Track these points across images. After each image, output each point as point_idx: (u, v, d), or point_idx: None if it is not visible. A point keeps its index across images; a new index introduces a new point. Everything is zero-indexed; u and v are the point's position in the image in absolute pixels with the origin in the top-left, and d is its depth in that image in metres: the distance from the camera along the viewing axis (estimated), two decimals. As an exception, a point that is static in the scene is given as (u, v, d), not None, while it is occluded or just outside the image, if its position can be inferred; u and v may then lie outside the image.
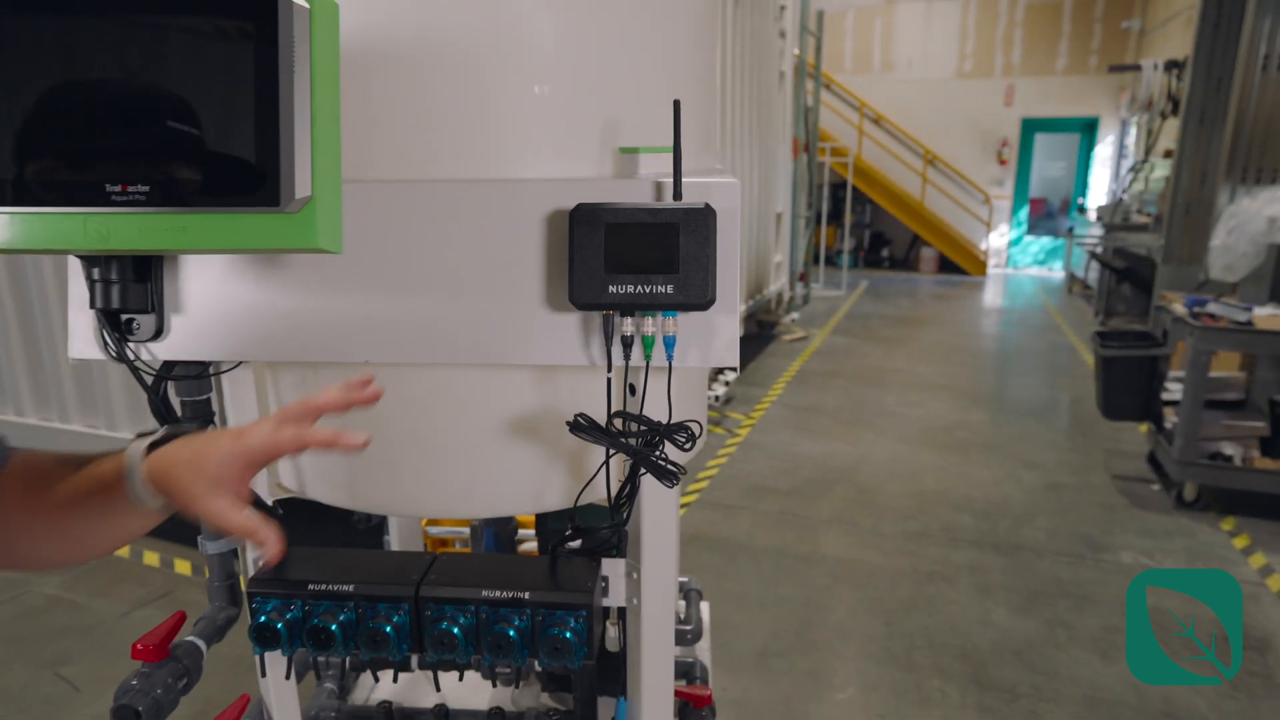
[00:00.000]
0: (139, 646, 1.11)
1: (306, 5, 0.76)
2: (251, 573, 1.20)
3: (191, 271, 1.03)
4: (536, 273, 0.99)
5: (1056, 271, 12.97)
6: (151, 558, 3.38)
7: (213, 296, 1.03)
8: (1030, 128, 12.74)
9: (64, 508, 0.79)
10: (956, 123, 12.80)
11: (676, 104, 0.96)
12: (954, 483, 4.34)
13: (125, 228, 0.78)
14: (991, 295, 11.16)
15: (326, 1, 0.79)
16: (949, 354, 7.53)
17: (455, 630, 1.10)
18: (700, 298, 0.93)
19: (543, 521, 1.63)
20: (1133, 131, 11.25)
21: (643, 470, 1.02)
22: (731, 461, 4.58)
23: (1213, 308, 3.87)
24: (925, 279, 12.61)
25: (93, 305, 0.99)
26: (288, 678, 1.29)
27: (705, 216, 0.92)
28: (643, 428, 0.97)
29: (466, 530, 2.12)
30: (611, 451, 1.04)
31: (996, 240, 13.16)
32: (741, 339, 1.30)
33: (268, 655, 1.31)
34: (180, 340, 1.04)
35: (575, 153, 1.06)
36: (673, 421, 1.00)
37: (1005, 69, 12.59)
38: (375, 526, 2.45)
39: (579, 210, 0.93)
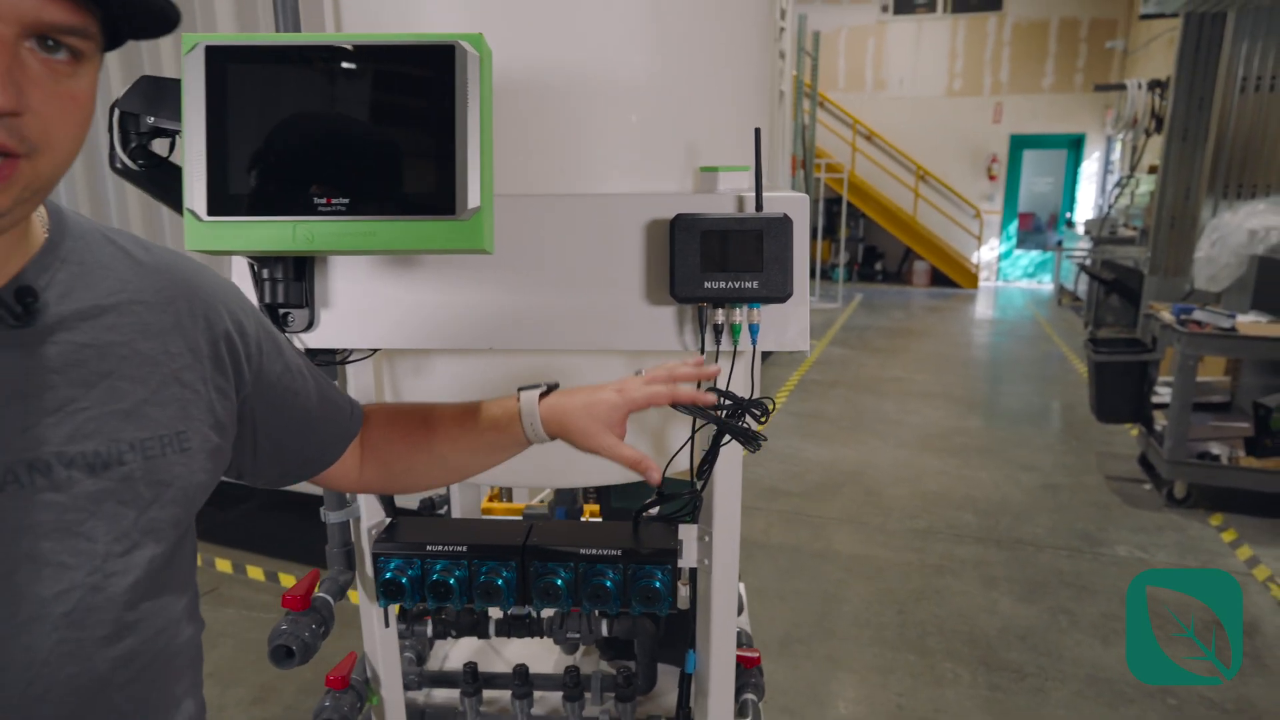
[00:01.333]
0: (287, 597, 1.28)
1: (477, 54, 0.94)
2: (366, 541, 1.37)
3: (339, 272, 1.21)
4: (637, 271, 1.17)
5: (1046, 284, 13.25)
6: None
7: (357, 294, 1.21)
8: (1018, 144, 13.05)
9: (451, 442, 1.00)
10: (947, 139, 13.09)
11: (758, 131, 1.15)
12: (955, 484, 4.53)
13: (327, 233, 0.96)
14: (983, 307, 11.41)
15: (486, 50, 0.97)
16: (944, 364, 7.75)
17: (559, 582, 1.28)
18: (781, 292, 1.11)
19: (606, 502, 1.80)
20: (1118, 148, 11.56)
21: (725, 439, 1.20)
22: (744, 465, 4.75)
23: (1199, 315, 4.09)
24: (918, 292, 12.86)
25: (259, 300, 1.16)
26: (387, 625, 1.46)
27: (785, 225, 1.11)
28: (728, 401, 1.15)
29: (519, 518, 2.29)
30: (699, 424, 1.21)
31: (987, 254, 13.44)
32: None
33: (365, 614, 1.47)
34: (328, 331, 1.22)
35: (662, 171, 1.24)
36: (751, 398, 1.18)
37: (994, 87, 12.92)
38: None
39: (679, 219, 1.12)
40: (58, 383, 0.66)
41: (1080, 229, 10.36)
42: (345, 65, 0.94)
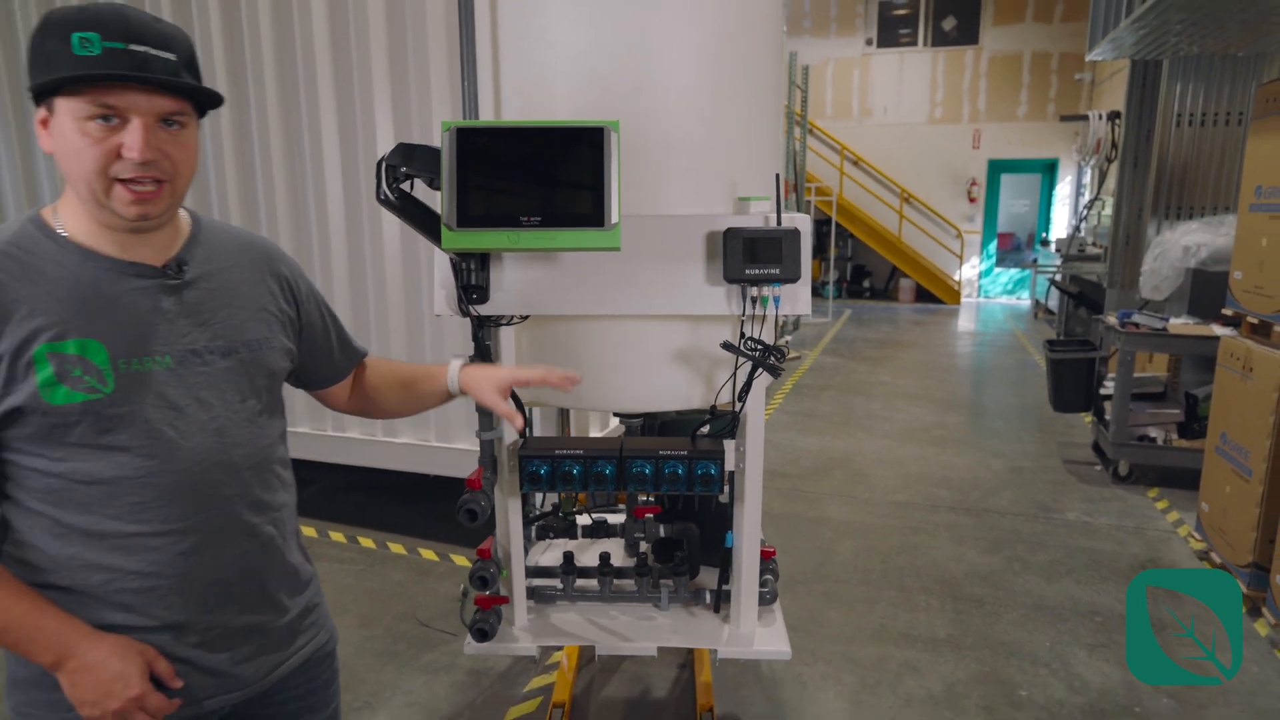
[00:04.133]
0: (469, 480, 1.92)
1: (615, 132, 1.61)
2: (504, 454, 2.01)
3: (507, 267, 1.86)
4: (700, 263, 1.83)
5: (1024, 300, 14.00)
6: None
7: (514, 278, 1.86)
8: (996, 168, 13.86)
9: (404, 386, 1.55)
10: (929, 164, 13.89)
11: (778, 176, 1.82)
12: (933, 467, 5.18)
13: (527, 238, 1.61)
14: (965, 321, 12.12)
15: (618, 130, 1.63)
16: (927, 370, 8.43)
17: (647, 471, 1.92)
18: (794, 276, 1.77)
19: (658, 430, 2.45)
20: (1088, 172, 12.35)
21: (758, 372, 1.85)
22: (745, 453, 5.39)
23: (1137, 318, 4.78)
24: (904, 307, 13.58)
25: (458, 284, 1.81)
26: (525, 518, 2.09)
27: (795, 234, 1.77)
28: (760, 346, 1.80)
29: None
30: (740, 361, 1.86)
31: (968, 271, 14.20)
32: (797, 312, 2.13)
33: (500, 510, 2.10)
34: (497, 304, 1.87)
35: (715, 200, 1.91)
36: (774, 346, 1.83)
37: (972, 115, 13.74)
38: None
39: (729, 230, 1.78)
40: (200, 310, 1.21)
41: (1054, 248, 11.10)
42: (540, 139, 1.61)
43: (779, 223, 1.80)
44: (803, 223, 1.82)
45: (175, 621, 1.18)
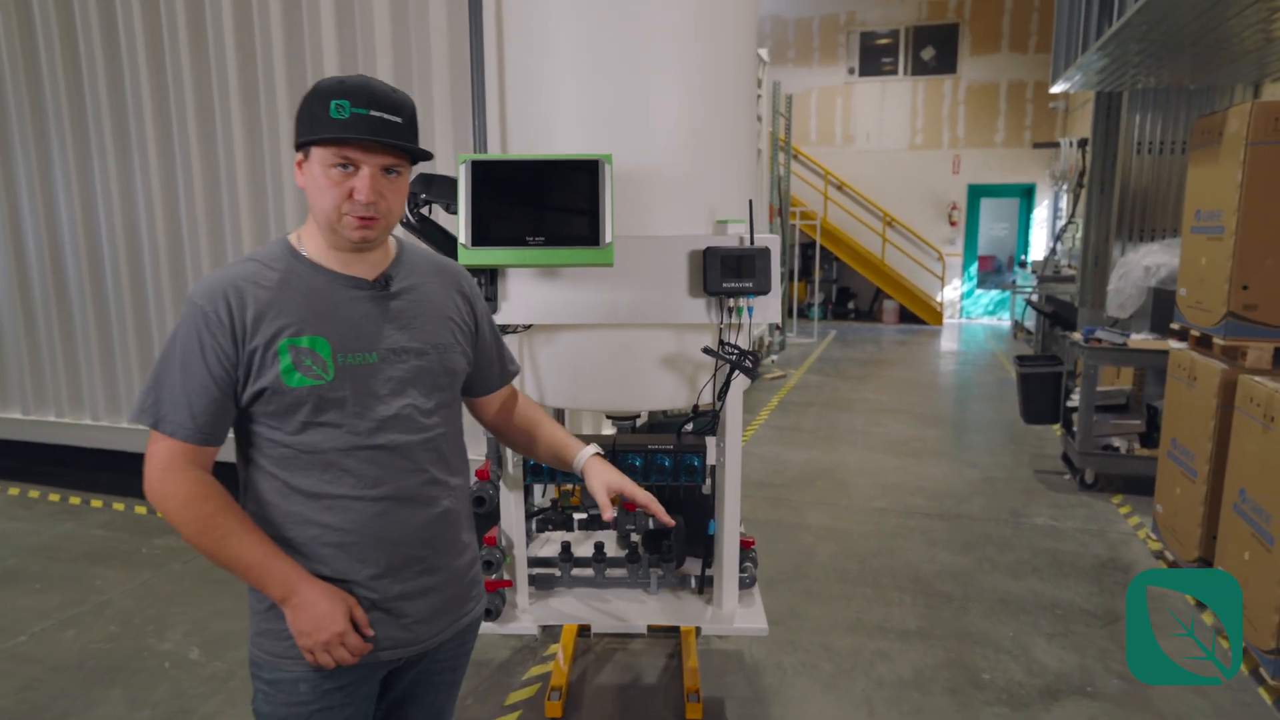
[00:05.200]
0: (478, 472, 2.14)
1: (609, 164, 1.86)
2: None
3: (511, 280, 2.10)
4: (684, 278, 2.08)
5: (1005, 320, 14.34)
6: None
7: (521, 292, 2.10)
8: (976, 193, 14.26)
9: (536, 439, 1.70)
10: (911, 189, 14.28)
11: (750, 202, 2.08)
12: (910, 477, 5.43)
13: (532, 255, 1.86)
14: (947, 341, 12.43)
15: (611, 162, 1.89)
16: (909, 388, 8.70)
17: (637, 463, 2.16)
18: (765, 289, 2.03)
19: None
20: (1064, 196, 12.75)
21: (734, 373, 2.10)
22: (731, 465, 5.62)
23: (1100, 334, 5.06)
24: (887, 328, 13.89)
25: (470, 296, 2.05)
26: (526, 512, 2.32)
27: (767, 252, 2.03)
28: (737, 351, 2.05)
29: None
30: (719, 365, 2.11)
31: (950, 293, 14.55)
32: (771, 323, 2.38)
33: (504, 502, 2.33)
34: (503, 314, 2.11)
35: (696, 223, 2.16)
36: (749, 350, 2.08)
37: (952, 141, 14.16)
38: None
39: (709, 249, 2.03)
40: (401, 316, 1.46)
41: (1029, 269, 11.44)
42: (544, 169, 1.86)
43: (752, 242, 2.06)
44: (773, 242, 2.08)
45: (365, 577, 1.40)
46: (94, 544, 4.30)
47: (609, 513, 1.58)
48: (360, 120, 1.30)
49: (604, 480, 1.60)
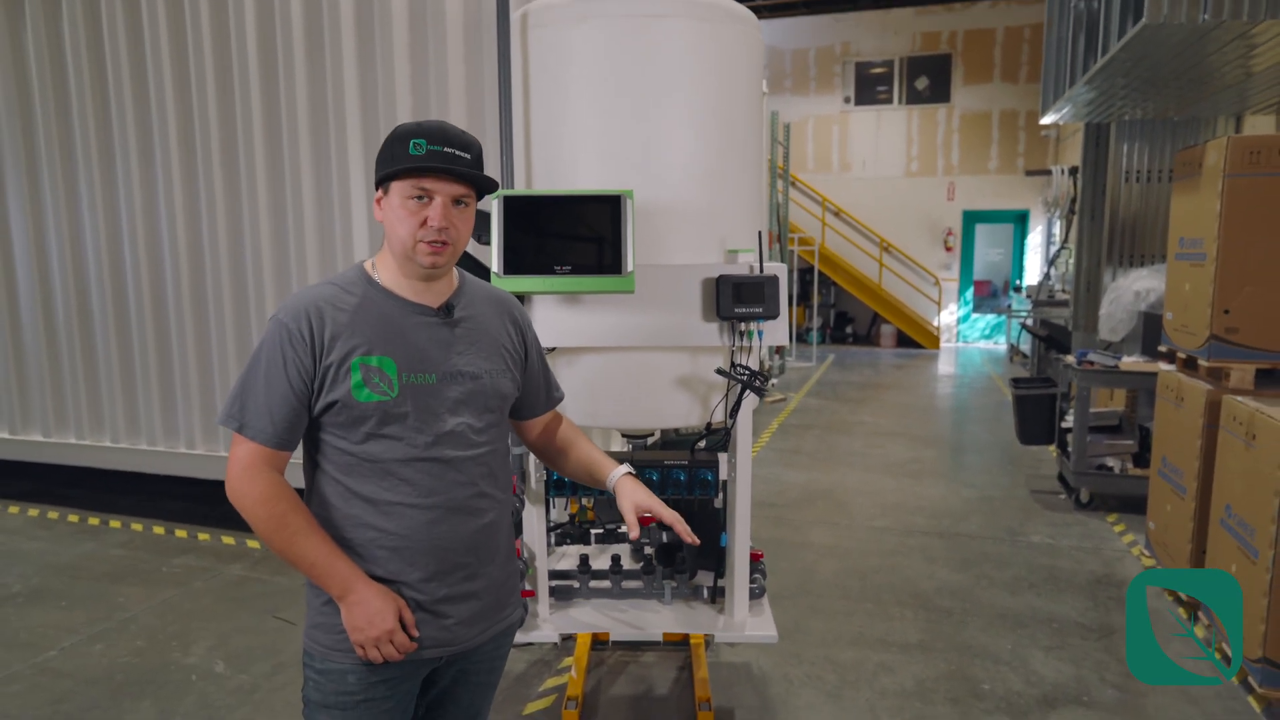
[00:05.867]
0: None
1: (630, 199, 2.02)
2: (533, 465, 2.37)
3: (536, 306, 2.25)
4: (698, 303, 2.23)
5: (1001, 345, 14.52)
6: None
7: (545, 316, 2.25)
8: (971, 219, 14.50)
9: (571, 458, 1.83)
10: (907, 215, 14.53)
11: (760, 233, 2.23)
12: (909, 497, 5.55)
13: (560, 283, 2.01)
14: (943, 365, 12.60)
15: (633, 197, 2.04)
16: (906, 411, 8.84)
17: (654, 477, 2.29)
18: (774, 314, 2.18)
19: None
20: (1057, 222, 12.99)
21: (745, 392, 2.24)
22: (735, 486, 5.74)
23: (1092, 357, 5.21)
24: (885, 352, 14.06)
25: (498, 321, 2.20)
26: (547, 525, 2.45)
27: (775, 280, 2.18)
28: (748, 372, 2.19)
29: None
30: (730, 385, 2.25)
31: (947, 318, 14.74)
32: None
33: (527, 516, 2.46)
34: (530, 338, 2.25)
35: (709, 252, 2.32)
36: (759, 371, 2.22)
37: (946, 169, 14.43)
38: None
39: (721, 277, 2.18)
40: (460, 342, 1.60)
41: (1024, 294, 11.64)
42: (570, 204, 2.02)
43: (761, 270, 2.21)
44: (780, 270, 2.23)
45: (414, 579, 1.53)
46: (114, 563, 4.40)
47: (635, 531, 1.66)
48: (435, 155, 1.45)
49: (633, 500, 1.68)
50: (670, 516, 1.68)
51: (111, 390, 4.88)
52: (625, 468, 1.75)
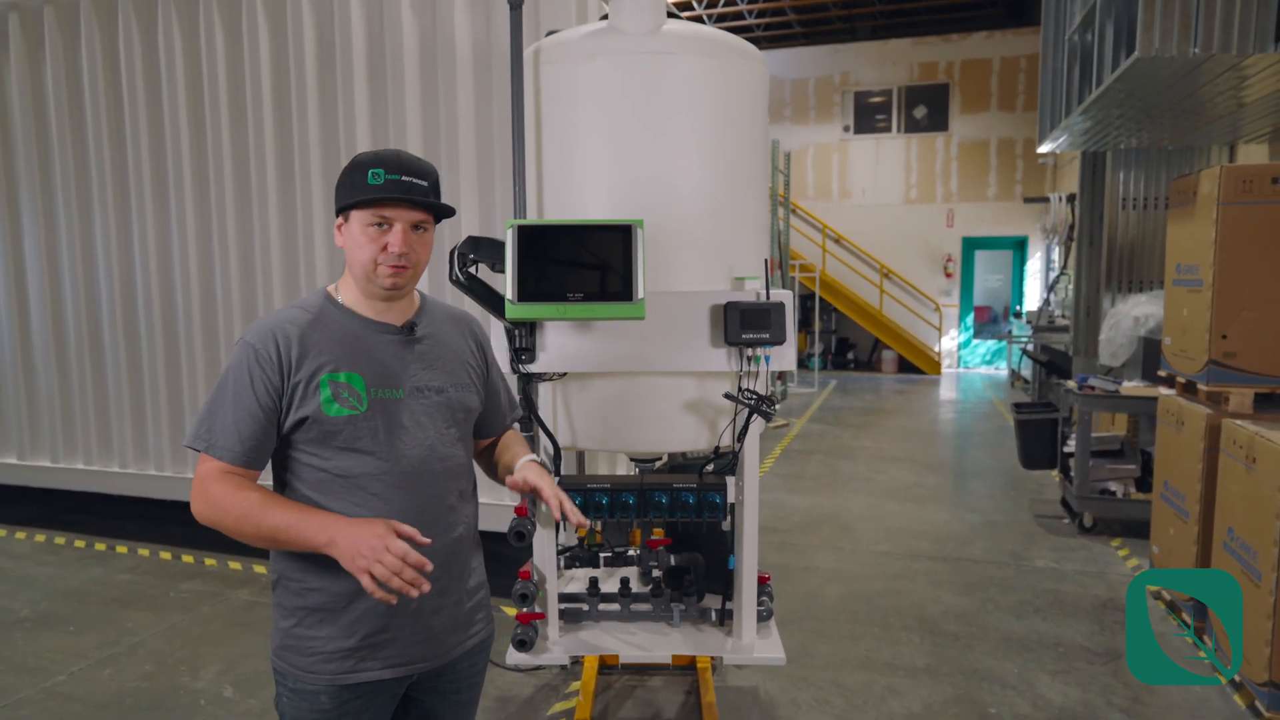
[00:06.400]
0: (517, 509, 2.31)
1: (640, 228, 2.08)
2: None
3: (549, 333, 2.30)
4: (705, 329, 2.28)
5: (1002, 370, 14.57)
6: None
7: (557, 342, 2.30)
8: (970, 245, 14.62)
9: (503, 464, 1.85)
10: (906, 241, 14.65)
11: (766, 260, 2.29)
12: (913, 522, 5.57)
13: (572, 310, 2.06)
14: (945, 391, 12.63)
15: (643, 227, 2.11)
16: (909, 436, 8.86)
17: (664, 500, 2.33)
18: (781, 339, 2.23)
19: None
20: (1056, 248, 13.09)
21: (753, 416, 2.28)
22: (739, 511, 5.76)
23: (1093, 382, 5.26)
24: (886, 378, 14.11)
25: (510, 346, 2.25)
26: (557, 548, 2.48)
27: (782, 306, 2.24)
28: (755, 396, 2.24)
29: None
30: (738, 408, 2.30)
31: (948, 343, 14.80)
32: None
33: (538, 540, 2.49)
34: (541, 363, 2.31)
35: (717, 280, 2.37)
36: (766, 395, 2.27)
37: (945, 196, 14.57)
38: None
39: (729, 304, 2.24)
40: (424, 358, 1.64)
41: (1024, 319, 11.70)
42: (582, 233, 2.08)
43: (768, 297, 2.27)
44: (786, 297, 2.29)
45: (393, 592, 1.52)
46: (122, 588, 4.41)
47: (513, 488, 1.72)
48: (393, 184, 1.51)
49: (524, 474, 1.71)
50: (549, 494, 1.67)
51: (121, 416, 4.92)
52: (532, 456, 1.79)
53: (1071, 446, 5.48)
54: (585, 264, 2.10)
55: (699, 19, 14.85)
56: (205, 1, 4.38)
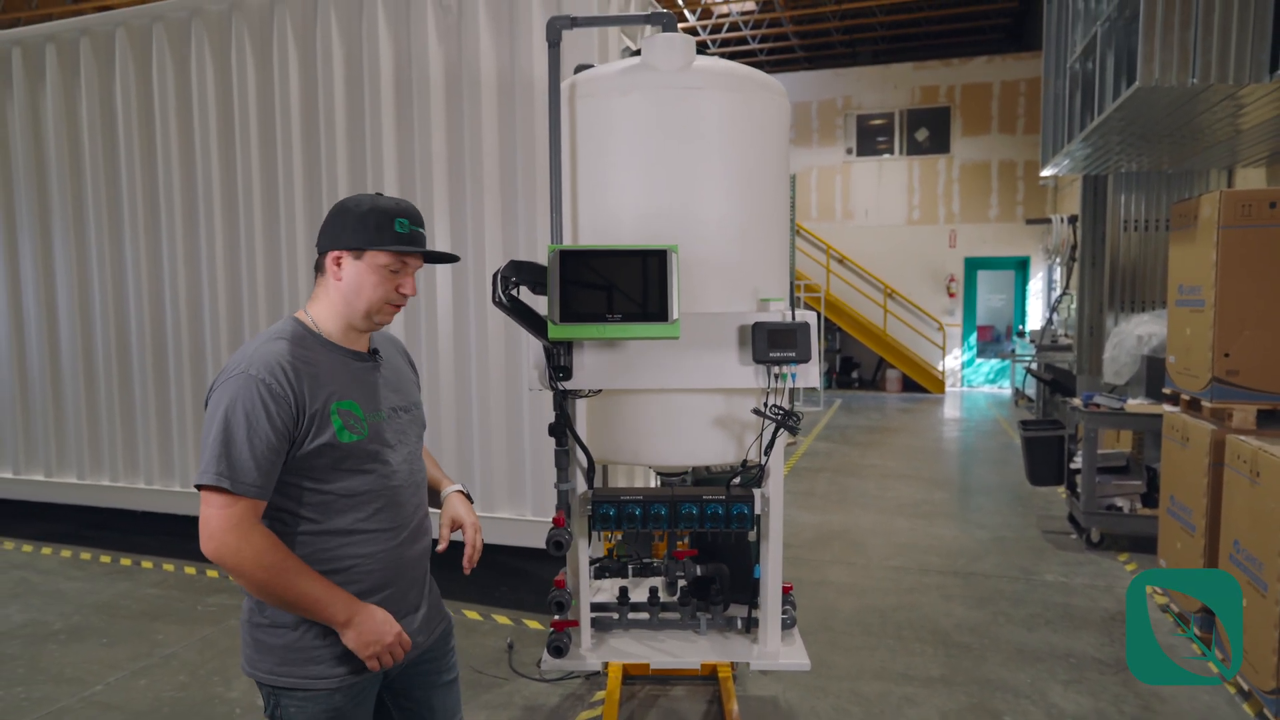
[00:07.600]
0: (556, 518, 2.42)
1: (675, 253, 2.21)
2: (577, 502, 2.52)
3: (586, 351, 2.42)
4: (734, 348, 2.40)
5: (1005, 389, 14.68)
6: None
7: (593, 360, 2.42)
8: (972, 265, 14.78)
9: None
10: (910, 262, 14.82)
11: (792, 285, 2.41)
12: (922, 537, 5.66)
13: (611, 330, 2.19)
14: (949, 409, 12.73)
15: (678, 252, 2.23)
16: (915, 453, 8.96)
17: (693, 511, 2.44)
18: (806, 358, 2.35)
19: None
20: (1058, 268, 13.24)
21: (780, 432, 2.40)
22: (751, 527, 5.85)
23: (1098, 399, 5.37)
24: (891, 397, 14.21)
25: (550, 365, 2.37)
26: (590, 560, 2.59)
27: (807, 326, 2.36)
28: (782, 411, 2.35)
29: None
30: (764, 423, 2.41)
31: (951, 362, 14.92)
32: (806, 387, 2.69)
33: (571, 553, 2.59)
34: (578, 380, 2.42)
35: (744, 301, 2.50)
36: (792, 410, 2.39)
37: (947, 217, 14.75)
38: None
39: (756, 324, 2.36)
40: (389, 381, 1.79)
41: (1028, 339, 11.82)
42: (621, 258, 2.20)
43: (793, 318, 2.39)
44: (811, 318, 2.41)
45: (390, 595, 1.71)
46: (150, 602, 4.51)
47: (444, 543, 1.89)
48: (416, 236, 1.69)
49: (451, 514, 1.91)
50: (470, 532, 1.87)
51: (148, 433, 5.03)
52: (457, 486, 1.97)
53: (1078, 463, 5.58)
54: (623, 287, 2.23)
55: (703, 44, 15.12)
56: (237, 31, 4.55)
